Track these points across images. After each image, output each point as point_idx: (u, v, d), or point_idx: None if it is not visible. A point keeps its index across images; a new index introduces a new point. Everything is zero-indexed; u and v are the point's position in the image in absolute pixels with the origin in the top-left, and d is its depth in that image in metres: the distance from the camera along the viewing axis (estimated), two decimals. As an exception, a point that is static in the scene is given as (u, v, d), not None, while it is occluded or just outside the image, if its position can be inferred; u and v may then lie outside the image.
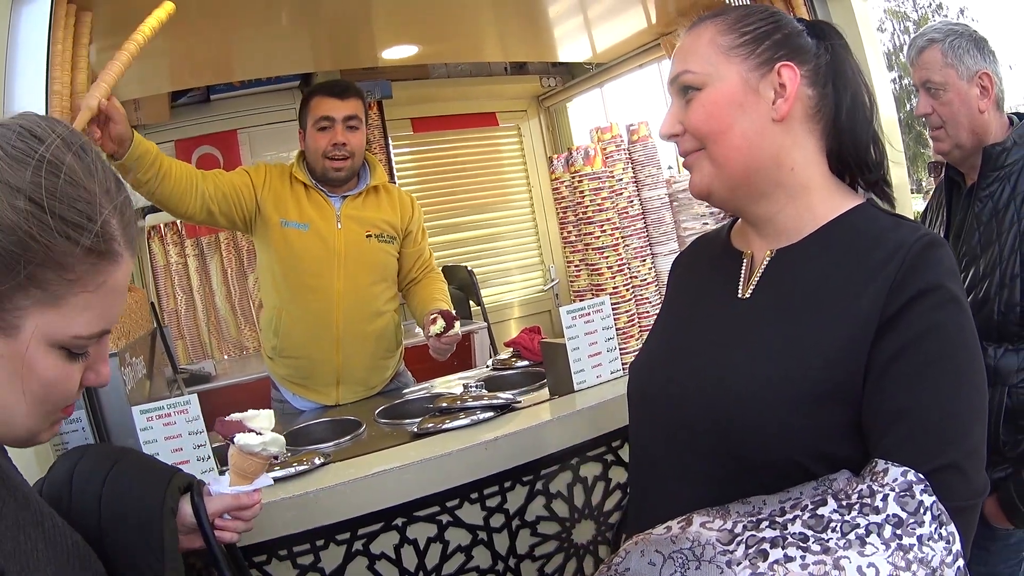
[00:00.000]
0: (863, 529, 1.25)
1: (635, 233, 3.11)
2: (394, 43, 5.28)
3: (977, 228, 2.71)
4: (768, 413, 1.47)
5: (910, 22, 24.68)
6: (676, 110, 1.68)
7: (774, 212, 1.65)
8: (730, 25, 1.65)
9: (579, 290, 3.16)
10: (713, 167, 1.64)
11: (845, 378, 1.44)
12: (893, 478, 1.30)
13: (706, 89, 1.62)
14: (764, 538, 1.29)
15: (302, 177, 3.66)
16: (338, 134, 3.60)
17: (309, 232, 3.61)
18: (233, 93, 6.20)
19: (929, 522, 1.25)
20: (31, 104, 2.38)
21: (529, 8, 4.99)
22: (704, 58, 1.63)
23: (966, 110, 2.73)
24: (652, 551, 1.33)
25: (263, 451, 1.73)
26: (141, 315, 3.39)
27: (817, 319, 1.50)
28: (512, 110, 7.60)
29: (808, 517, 1.30)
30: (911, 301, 1.41)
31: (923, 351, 1.40)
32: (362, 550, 2.37)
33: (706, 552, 1.29)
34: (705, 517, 1.37)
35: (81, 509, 1.50)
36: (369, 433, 2.87)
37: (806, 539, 1.26)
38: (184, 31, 4.02)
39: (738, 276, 1.71)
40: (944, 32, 2.77)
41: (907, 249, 1.46)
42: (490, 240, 7.44)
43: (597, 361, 2.92)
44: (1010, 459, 2.62)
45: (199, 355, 6.08)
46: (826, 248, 1.59)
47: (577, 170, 3.04)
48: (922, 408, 1.37)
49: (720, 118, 1.61)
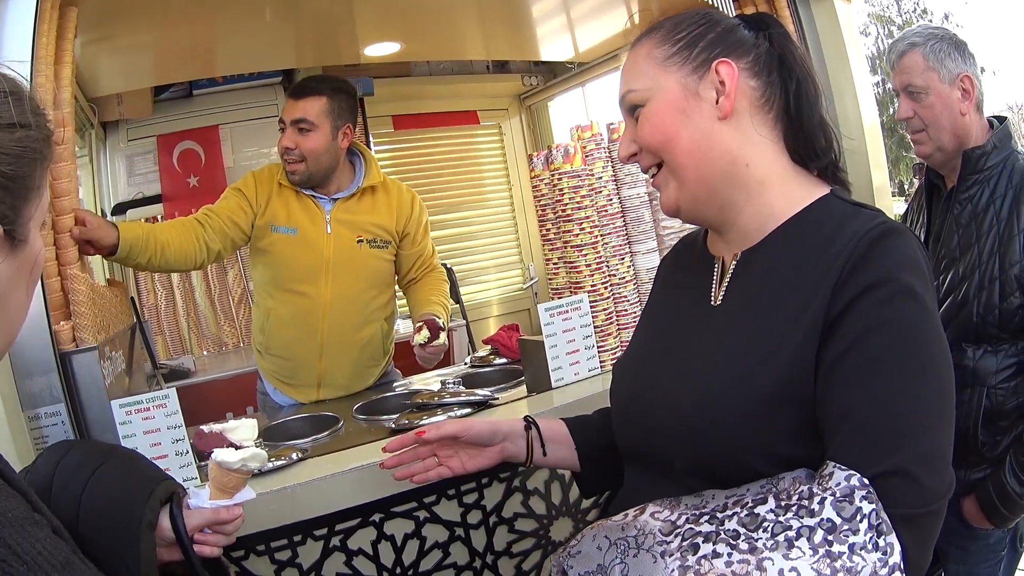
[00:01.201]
0: (794, 532, 1.25)
1: (614, 231, 3.13)
2: (377, 40, 5.28)
3: (956, 231, 2.73)
4: (723, 414, 1.49)
5: (894, 26, 24.75)
6: (629, 131, 1.71)
7: (735, 215, 1.66)
8: (663, 36, 1.67)
9: (557, 288, 3.17)
10: (675, 181, 1.64)
11: (798, 378, 1.43)
12: (836, 482, 1.29)
13: (649, 103, 1.64)
14: (700, 532, 1.31)
15: (286, 182, 3.61)
16: (287, 138, 3.55)
17: (297, 237, 3.57)
18: (215, 88, 6.18)
19: (865, 531, 1.24)
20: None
21: (512, 7, 4.99)
22: (643, 74, 1.66)
23: (948, 113, 2.75)
24: (602, 536, 1.38)
25: (242, 467, 1.69)
26: (122, 309, 3.38)
27: (776, 320, 1.50)
28: (493, 108, 7.60)
29: (745, 515, 1.31)
30: (859, 296, 1.40)
31: (871, 348, 1.38)
32: (339, 546, 2.38)
33: (646, 541, 1.32)
34: (657, 507, 1.41)
35: (59, 509, 1.45)
36: (347, 429, 2.88)
37: (737, 536, 1.28)
38: (167, 24, 4.02)
39: (711, 282, 1.72)
40: (925, 36, 2.78)
41: (857, 240, 1.44)
42: (469, 238, 7.44)
43: (575, 359, 2.94)
44: (989, 460, 2.65)
45: (179, 351, 6.05)
46: (786, 246, 1.59)
47: (557, 168, 3.05)
48: (868, 408, 1.35)
49: (665, 128, 1.62)
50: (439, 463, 1.96)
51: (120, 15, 3.70)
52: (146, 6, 3.66)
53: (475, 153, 7.59)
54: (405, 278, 3.91)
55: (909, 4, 25.40)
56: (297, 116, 3.53)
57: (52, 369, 2.35)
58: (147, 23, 3.96)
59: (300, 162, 3.53)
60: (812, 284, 1.46)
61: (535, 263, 7.47)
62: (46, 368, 2.34)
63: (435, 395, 2.82)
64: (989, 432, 2.63)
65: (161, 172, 6.05)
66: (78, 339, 2.45)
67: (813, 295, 1.45)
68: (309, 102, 3.56)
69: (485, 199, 7.56)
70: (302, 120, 3.53)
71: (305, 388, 3.70)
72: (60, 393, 2.36)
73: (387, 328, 3.86)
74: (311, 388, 3.70)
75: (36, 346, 2.33)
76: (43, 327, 2.35)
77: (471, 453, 1.97)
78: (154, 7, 3.72)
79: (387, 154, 7.14)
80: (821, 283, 1.45)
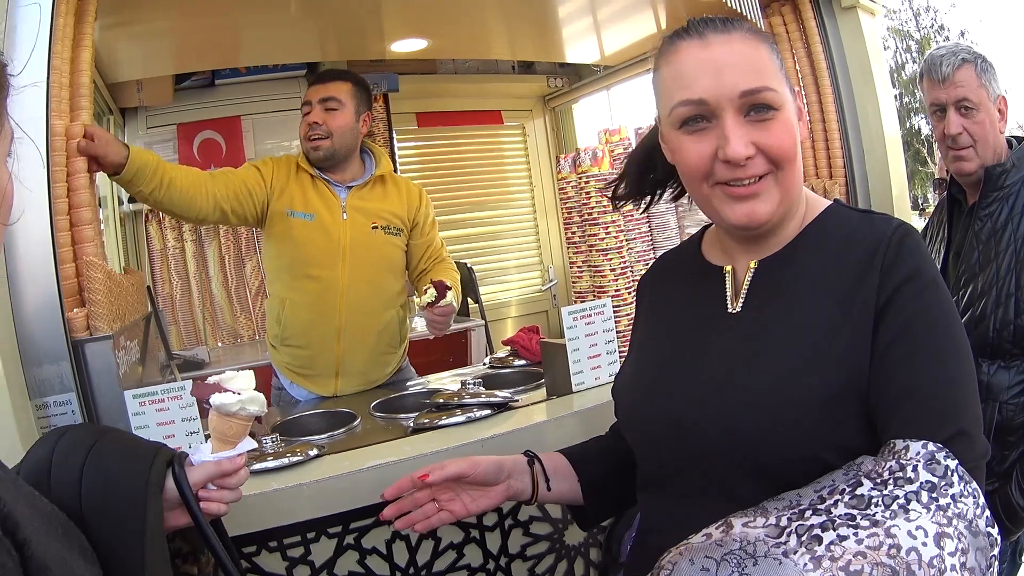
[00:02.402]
0: (903, 499, 1.30)
1: (639, 236, 3.11)
2: (403, 36, 5.28)
3: (976, 247, 2.77)
4: (780, 415, 1.50)
5: (912, 40, 24.91)
6: (744, 130, 1.56)
7: (780, 228, 1.67)
8: (770, 46, 1.64)
9: (580, 291, 3.15)
10: (779, 193, 1.60)
11: (856, 370, 1.49)
12: (915, 452, 1.35)
13: (783, 110, 1.58)
14: (813, 524, 1.31)
15: (307, 167, 3.66)
16: (314, 114, 3.61)
17: (314, 223, 3.61)
18: (238, 79, 6.16)
19: (957, 482, 1.31)
20: (31, 78, 2.36)
21: (539, 7, 5.00)
22: (774, 75, 1.59)
23: (993, 132, 2.80)
24: (702, 558, 1.32)
25: (241, 410, 1.65)
26: (138, 298, 3.36)
27: (814, 319, 1.55)
28: (517, 109, 7.59)
29: (849, 499, 1.33)
30: (897, 289, 1.49)
31: (914, 333, 1.47)
32: (353, 544, 2.36)
33: (759, 548, 1.30)
34: (745, 518, 1.38)
35: (61, 492, 1.44)
36: (364, 426, 2.85)
37: (853, 518, 1.29)
38: (189, 13, 4.01)
39: (723, 291, 1.72)
40: (973, 53, 2.82)
41: (887, 241, 1.53)
42: (490, 238, 7.42)
43: (596, 363, 2.91)
44: (997, 474, 2.68)
45: (192, 341, 6.04)
46: (808, 251, 1.64)
47: (584, 171, 3.03)
48: (925, 384, 1.45)
49: (795, 139, 1.60)
50: (440, 508, 1.90)
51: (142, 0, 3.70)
52: (168, -9, 3.67)
53: (498, 153, 7.57)
54: (416, 269, 3.92)
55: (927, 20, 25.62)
56: (326, 95, 3.63)
57: (64, 357, 2.34)
58: (168, 10, 3.97)
59: (326, 138, 3.60)
60: (848, 283, 1.54)
61: (555, 265, 7.46)
62: (57, 356, 2.34)
63: (455, 395, 2.78)
64: (998, 446, 2.65)
65: (180, 161, 5.97)
66: (92, 327, 2.43)
67: (856, 292, 1.52)
68: (337, 84, 3.67)
69: (507, 199, 7.54)
70: (331, 98, 3.63)
71: (323, 379, 3.69)
72: (71, 382, 2.35)
73: (402, 314, 3.88)
74: (328, 379, 3.68)
75: (47, 333, 2.32)
76: (55, 314, 2.34)
77: (474, 495, 1.91)
78: (176, -7, 3.73)
79: (410, 151, 7.12)
80: (861, 280, 1.52)
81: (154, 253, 6.03)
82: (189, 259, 6.10)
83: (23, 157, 2.30)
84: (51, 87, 2.44)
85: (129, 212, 5.91)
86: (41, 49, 2.40)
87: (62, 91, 2.59)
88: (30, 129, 2.33)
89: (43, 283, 2.33)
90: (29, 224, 2.32)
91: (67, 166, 2.54)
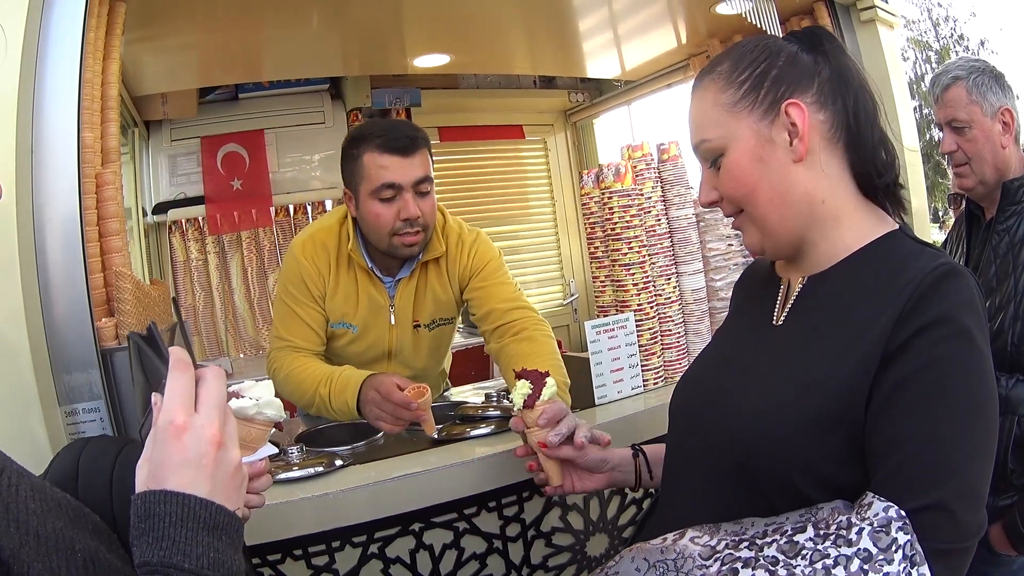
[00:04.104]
0: (831, 560, 1.28)
1: (661, 251, 3.12)
2: (425, 51, 5.30)
3: (994, 261, 2.76)
4: (771, 432, 1.51)
5: (932, 51, 24.84)
6: (708, 177, 1.70)
7: (810, 249, 1.66)
8: (727, 79, 1.64)
9: (603, 305, 3.16)
10: (756, 228, 1.66)
11: (848, 404, 1.44)
12: (875, 512, 1.31)
13: (727, 153, 1.63)
14: (739, 557, 1.33)
15: (362, 262, 3.07)
16: (409, 205, 2.91)
17: (359, 334, 3.14)
18: (262, 92, 6.20)
19: (899, 561, 1.26)
20: (63, 91, 2.40)
21: (560, 23, 5.03)
22: (714, 122, 1.64)
23: (990, 147, 2.79)
24: (641, 558, 1.40)
25: (258, 414, 1.61)
26: (164, 309, 3.38)
27: (834, 345, 1.52)
28: (539, 124, 7.60)
29: (784, 542, 1.33)
30: (918, 332, 1.40)
31: (923, 384, 1.39)
32: (377, 553, 2.37)
33: (685, 564, 1.34)
34: (696, 532, 1.43)
35: (91, 498, 1.44)
36: (386, 438, 2.83)
37: (776, 563, 1.30)
38: (213, 28, 4.05)
39: (775, 302, 1.73)
40: (967, 69, 2.82)
41: (921, 279, 1.44)
42: (511, 252, 7.29)
43: (619, 377, 2.93)
44: (1017, 487, 2.65)
45: (215, 352, 6.07)
46: (854, 275, 1.59)
47: (607, 186, 3.04)
48: (915, 442, 1.36)
49: (746, 180, 1.62)
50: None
51: (166, 15, 3.74)
52: (192, 7, 3.69)
53: (520, 168, 7.58)
54: (483, 332, 3.17)
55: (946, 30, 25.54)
56: (420, 175, 2.98)
57: (93, 365, 2.36)
58: (192, 24, 4.00)
59: (421, 232, 2.98)
60: (873, 315, 1.47)
61: (575, 279, 7.46)
62: (86, 364, 2.35)
63: (479, 408, 2.81)
64: (1018, 460, 2.63)
65: (204, 174, 6.07)
66: (121, 336, 2.45)
67: (873, 326, 1.46)
68: (424, 155, 3.06)
69: (528, 214, 7.55)
70: (425, 179, 3.01)
71: None
72: (100, 390, 2.36)
73: (444, 374, 3.67)
74: None
75: (77, 342, 2.34)
76: (85, 323, 2.36)
77: (581, 475, 2.07)
78: (200, 9, 3.76)
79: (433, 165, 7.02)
80: (882, 315, 1.45)
81: (177, 265, 6.07)
82: (212, 271, 6.14)
83: (54, 169, 2.35)
84: (81, 99, 2.46)
85: (152, 224, 5.97)
86: (73, 63, 2.43)
87: (93, 103, 2.62)
88: (61, 141, 2.37)
89: (73, 292, 2.35)
90: (59, 234, 2.35)
91: (96, 178, 2.56)
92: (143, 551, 1.03)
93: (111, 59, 2.81)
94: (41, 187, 2.32)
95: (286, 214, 6.27)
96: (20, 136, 2.27)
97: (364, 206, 2.95)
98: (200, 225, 6.16)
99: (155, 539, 1.03)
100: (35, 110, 2.34)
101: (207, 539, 1.05)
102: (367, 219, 2.95)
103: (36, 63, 2.36)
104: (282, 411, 1.66)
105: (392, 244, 2.95)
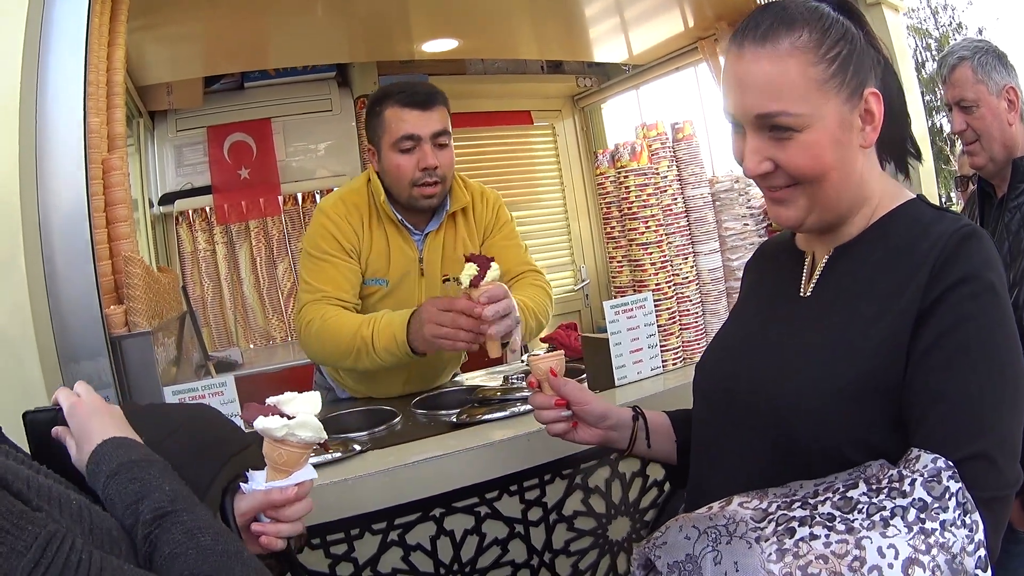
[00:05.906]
0: (888, 511, 1.29)
1: (678, 231, 3.09)
2: (432, 37, 5.29)
3: (1007, 238, 2.78)
4: (814, 402, 1.51)
5: (932, 39, 25.02)
6: (760, 145, 1.56)
7: (844, 223, 1.65)
8: (816, 53, 1.52)
9: (621, 286, 3.13)
10: (809, 203, 1.59)
11: (887, 369, 1.46)
12: (924, 464, 1.32)
13: (807, 131, 1.51)
14: (794, 517, 1.33)
15: (392, 215, 3.14)
16: (427, 155, 3.02)
17: (389, 289, 3.19)
18: (268, 81, 6.19)
19: (953, 508, 1.27)
20: (67, 77, 2.37)
21: (566, 7, 5.03)
22: (801, 96, 1.51)
23: (998, 124, 2.85)
24: (689, 526, 1.39)
25: (289, 435, 1.48)
26: (173, 296, 3.35)
27: (867, 312, 1.53)
28: (547, 109, 7.58)
29: (838, 499, 1.34)
30: (947, 291, 1.43)
31: (957, 340, 1.42)
32: (398, 540, 2.34)
33: (738, 528, 1.34)
34: (744, 498, 1.43)
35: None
36: (404, 423, 2.81)
37: (832, 519, 1.31)
38: (217, 16, 4.02)
39: (800, 275, 1.72)
40: (972, 49, 2.89)
41: (945, 241, 1.47)
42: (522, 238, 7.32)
43: (638, 357, 2.90)
44: None
45: (224, 343, 6.06)
46: (879, 244, 1.60)
47: (623, 165, 3.01)
48: (955, 395, 1.39)
49: (824, 161, 1.53)
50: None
51: (171, 2, 3.70)
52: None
53: (528, 153, 7.56)
54: None
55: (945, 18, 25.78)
56: (438, 128, 3.06)
57: (102, 353, 2.33)
58: (197, 12, 3.98)
59: (440, 183, 3.09)
60: (901, 280, 1.50)
61: (587, 265, 7.44)
62: (95, 352, 2.33)
63: (497, 391, 2.79)
64: None
65: (211, 164, 6.07)
66: (131, 323, 2.43)
67: (903, 290, 1.48)
68: (442, 111, 3.11)
69: (538, 199, 7.53)
70: (443, 132, 3.08)
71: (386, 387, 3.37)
72: (110, 378, 2.34)
73: None
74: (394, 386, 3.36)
75: (85, 330, 2.32)
76: (93, 311, 2.33)
77: (581, 426, 2.03)
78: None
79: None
80: (911, 280, 1.48)
81: (185, 255, 6.06)
82: (220, 261, 6.13)
83: (59, 155, 2.31)
84: (87, 85, 2.43)
85: (159, 215, 5.95)
86: (78, 48, 2.40)
87: (99, 89, 2.60)
88: (67, 127, 2.33)
89: (81, 279, 2.32)
90: (66, 221, 2.32)
91: (103, 163, 2.53)
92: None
93: (116, 45, 2.79)
94: (46, 173, 2.29)
95: (295, 203, 6.28)
96: (24, 122, 2.24)
97: (386, 159, 3.09)
98: (207, 215, 6.14)
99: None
100: (39, 96, 2.32)
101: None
102: (389, 171, 3.09)
103: (40, 49, 2.34)
104: (321, 431, 1.54)
105: (412, 195, 3.07)
